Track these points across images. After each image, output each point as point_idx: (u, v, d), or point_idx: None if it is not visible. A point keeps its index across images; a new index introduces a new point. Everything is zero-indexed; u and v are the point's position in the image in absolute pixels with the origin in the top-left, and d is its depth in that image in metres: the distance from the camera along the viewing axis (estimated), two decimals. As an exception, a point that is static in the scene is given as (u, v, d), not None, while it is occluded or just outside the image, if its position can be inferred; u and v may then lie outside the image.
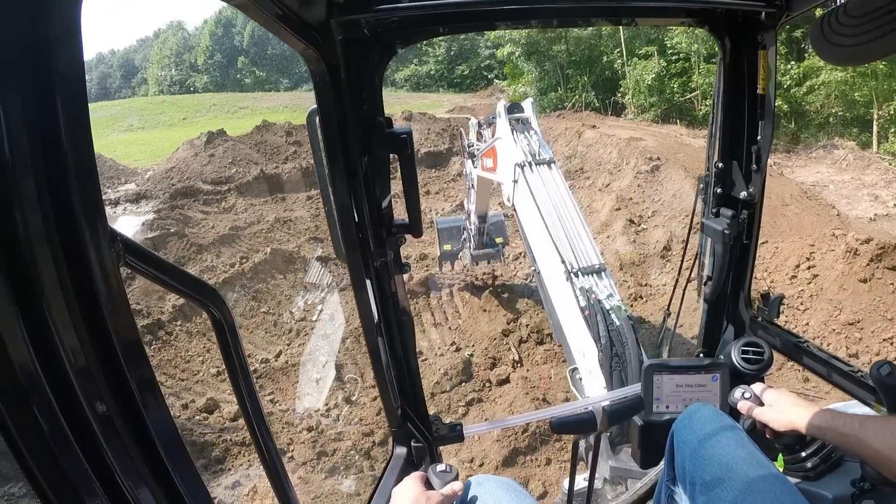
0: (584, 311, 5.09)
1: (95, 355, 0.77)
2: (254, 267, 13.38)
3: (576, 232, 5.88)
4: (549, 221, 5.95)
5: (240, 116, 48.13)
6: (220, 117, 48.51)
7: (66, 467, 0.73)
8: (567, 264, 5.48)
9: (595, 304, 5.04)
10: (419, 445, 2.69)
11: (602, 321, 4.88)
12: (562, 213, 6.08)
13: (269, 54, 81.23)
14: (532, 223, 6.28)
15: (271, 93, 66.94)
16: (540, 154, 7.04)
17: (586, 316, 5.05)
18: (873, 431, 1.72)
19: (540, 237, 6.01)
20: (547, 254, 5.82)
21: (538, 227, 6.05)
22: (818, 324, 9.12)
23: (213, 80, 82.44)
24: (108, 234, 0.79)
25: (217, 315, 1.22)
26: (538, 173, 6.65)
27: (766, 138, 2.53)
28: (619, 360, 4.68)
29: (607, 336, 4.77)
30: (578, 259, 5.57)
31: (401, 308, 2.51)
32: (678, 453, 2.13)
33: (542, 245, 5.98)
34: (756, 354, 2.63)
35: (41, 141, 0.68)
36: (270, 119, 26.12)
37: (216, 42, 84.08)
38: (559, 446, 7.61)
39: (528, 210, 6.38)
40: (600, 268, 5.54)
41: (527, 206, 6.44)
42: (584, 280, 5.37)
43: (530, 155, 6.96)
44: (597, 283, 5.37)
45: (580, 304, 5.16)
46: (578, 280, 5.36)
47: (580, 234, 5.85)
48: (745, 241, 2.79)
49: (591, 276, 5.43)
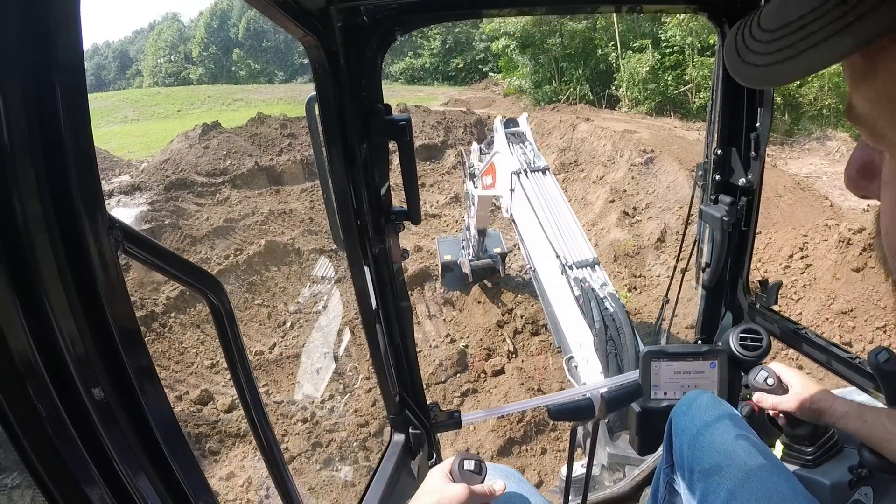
0: (578, 299, 5.19)
1: (94, 342, 0.77)
2: (248, 259, 13.32)
3: (569, 230, 6.14)
4: (544, 220, 6.22)
5: (235, 108, 47.91)
6: (214, 109, 48.25)
7: (64, 455, 0.73)
8: (561, 258, 5.65)
9: (589, 292, 5.14)
10: (417, 432, 2.70)
11: (596, 307, 4.96)
12: (556, 215, 6.37)
13: (265, 46, 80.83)
14: (528, 224, 6.55)
15: (266, 85, 66.55)
16: (535, 163, 7.37)
17: (580, 304, 5.13)
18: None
19: (535, 235, 6.26)
20: (542, 250, 6.05)
21: (534, 227, 6.32)
22: (812, 313, 9.14)
23: (208, 71, 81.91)
24: (106, 221, 0.79)
25: (216, 303, 1.21)
26: (533, 180, 6.98)
27: (765, 126, 2.54)
28: (613, 345, 4.74)
29: (601, 320, 4.84)
30: (572, 253, 5.75)
31: (399, 295, 2.52)
32: (676, 440, 2.14)
33: (537, 242, 6.21)
34: (754, 341, 2.66)
35: (40, 128, 0.68)
36: (265, 111, 25.96)
37: (211, 34, 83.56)
38: (554, 436, 7.63)
39: (525, 213, 6.66)
40: (594, 261, 5.72)
41: (523, 210, 6.71)
42: (578, 272, 5.53)
43: (525, 164, 7.28)
44: (590, 274, 5.54)
45: (574, 293, 5.26)
46: (573, 272, 5.52)
47: (574, 233, 6.09)
48: (744, 227, 2.80)
49: (584, 268, 5.61)
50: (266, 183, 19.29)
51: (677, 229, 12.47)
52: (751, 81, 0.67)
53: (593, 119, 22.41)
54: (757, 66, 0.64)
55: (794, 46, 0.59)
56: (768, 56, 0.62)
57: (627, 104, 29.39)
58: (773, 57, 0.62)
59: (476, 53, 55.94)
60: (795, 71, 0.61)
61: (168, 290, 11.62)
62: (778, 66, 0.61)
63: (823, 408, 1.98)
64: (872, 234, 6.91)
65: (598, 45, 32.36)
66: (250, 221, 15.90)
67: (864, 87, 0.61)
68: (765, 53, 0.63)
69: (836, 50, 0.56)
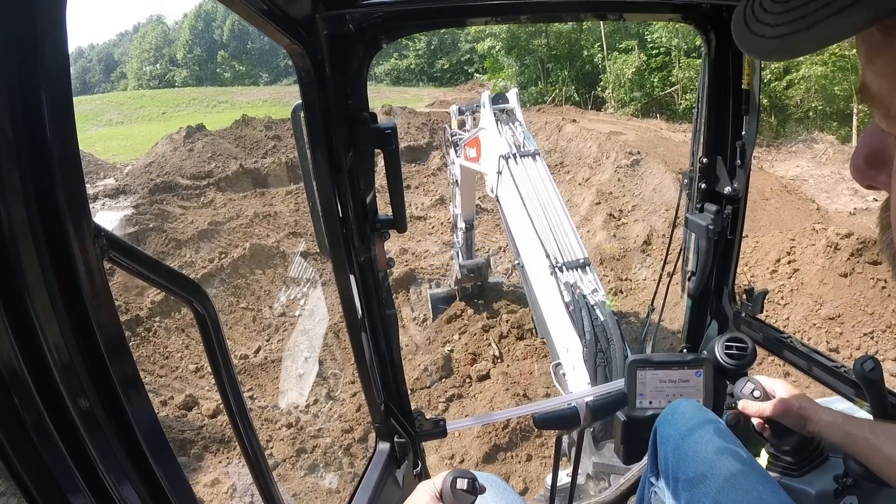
0: (568, 306, 5.06)
1: (79, 350, 0.76)
2: (233, 262, 13.27)
3: (560, 226, 5.85)
4: (534, 215, 5.90)
5: (219, 111, 48.00)
6: (199, 112, 48.29)
7: (48, 463, 0.72)
8: (551, 258, 5.44)
9: (580, 299, 5.02)
10: (402, 441, 2.68)
11: (587, 316, 4.85)
12: (546, 207, 6.04)
13: (249, 48, 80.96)
14: (516, 217, 6.22)
15: (251, 87, 66.66)
16: (525, 146, 6.97)
17: (570, 311, 5.01)
18: (887, 437, 1.73)
19: (524, 231, 5.95)
20: (531, 248, 5.77)
21: (522, 221, 5.99)
22: (799, 318, 9.18)
23: (193, 74, 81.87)
24: (92, 229, 0.78)
25: (201, 311, 1.20)
26: (523, 165, 6.59)
27: (751, 134, 2.54)
28: (603, 356, 4.66)
29: (592, 332, 4.75)
30: (563, 253, 5.54)
31: (385, 304, 2.51)
32: (661, 449, 2.13)
33: (525, 239, 5.91)
34: (739, 350, 2.65)
35: (25, 134, 0.67)
36: (250, 113, 25.97)
37: (196, 36, 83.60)
38: (540, 442, 7.62)
39: (512, 203, 6.32)
40: (585, 262, 5.51)
41: (511, 199, 6.38)
42: (569, 275, 5.35)
43: (515, 147, 6.88)
44: (581, 277, 5.37)
45: (564, 299, 5.13)
46: (563, 275, 5.34)
47: (565, 228, 5.82)
48: (730, 236, 2.79)
49: (575, 270, 5.42)
50: (251, 185, 19.24)
51: (664, 232, 12.52)
52: (759, 52, 0.65)
53: (579, 120, 22.54)
54: (767, 37, 0.62)
55: (808, 17, 0.56)
56: (780, 27, 0.60)
57: (613, 105, 29.55)
58: (785, 28, 0.59)
59: (461, 55, 56.20)
60: (809, 43, 0.58)
61: (152, 295, 11.57)
62: (790, 38, 0.59)
63: (809, 416, 1.98)
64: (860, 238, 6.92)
65: (584, 47, 32.58)
66: (235, 224, 15.85)
67: (879, 63, 0.58)
68: (776, 25, 0.60)
69: (851, 21, 0.54)
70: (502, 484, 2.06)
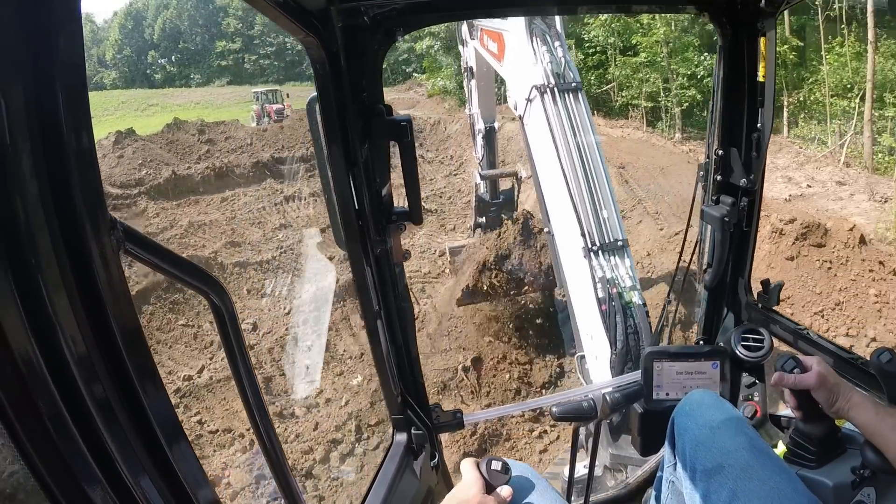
0: (601, 303, 4.69)
1: (95, 342, 0.77)
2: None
3: (600, 191, 5.08)
4: (570, 175, 5.06)
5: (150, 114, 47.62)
6: (129, 115, 48.02)
7: (65, 454, 0.73)
8: (587, 238, 4.86)
9: (616, 300, 4.66)
10: (419, 433, 2.72)
11: (621, 322, 4.54)
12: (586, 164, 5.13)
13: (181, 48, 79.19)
14: (547, 171, 5.37)
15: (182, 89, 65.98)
16: (566, 77, 5.67)
17: (603, 311, 4.66)
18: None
19: (556, 194, 5.22)
20: (564, 218, 5.12)
21: (555, 180, 5.18)
22: (750, 302, 9.65)
23: (122, 75, 79.66)
24: (107, 221, 0.79)
25: (217, 303, 1.21)
26: (562, 104, 5.41)
27: (766, 125, 2.57)
28: (632, 364, 4.37)
29: (625, 340, 4.49)
30: (600, 231, 4.92)
31: (401, 295, 2.55)
32: (678, 440, 2.15)
33: (558, 206, 5.20)
34: (756, 342, 2.71)
35: (41, 128, 0.68)
36: (182, 116, 25.82)
37: (126, 35, 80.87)
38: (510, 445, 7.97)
39: (544, 150, 5.40)
40: (623, 244, 4.97)
41: (542, 145, 5.45)
42: (605, 262, 4.84)
43: (553, 76, 5.58)
44: (618, 265, 4.87)
45: (598, 294, 4.73)
46: (598, 260, 4.83)
47: (604, 196, 5.07)
48: (745, 228, 2.84)
49: (612, 256, 4.89)
50: (185, 192, 18.83)
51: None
52: None
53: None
54: None
55: None
56: None
57: (551, 103, 29.80)
58: None
59: (399, 54, 55.99)
60: None
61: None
62: None
63: (841, 392, 1.97)
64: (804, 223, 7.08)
65: (521, 44, 32.70)
66: (169, 235, 15.65)
67: None
68: None
69: None
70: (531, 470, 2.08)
